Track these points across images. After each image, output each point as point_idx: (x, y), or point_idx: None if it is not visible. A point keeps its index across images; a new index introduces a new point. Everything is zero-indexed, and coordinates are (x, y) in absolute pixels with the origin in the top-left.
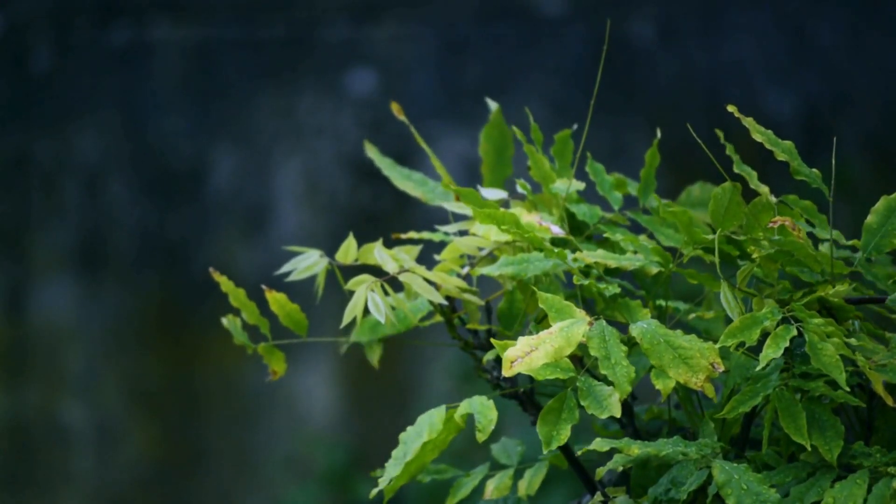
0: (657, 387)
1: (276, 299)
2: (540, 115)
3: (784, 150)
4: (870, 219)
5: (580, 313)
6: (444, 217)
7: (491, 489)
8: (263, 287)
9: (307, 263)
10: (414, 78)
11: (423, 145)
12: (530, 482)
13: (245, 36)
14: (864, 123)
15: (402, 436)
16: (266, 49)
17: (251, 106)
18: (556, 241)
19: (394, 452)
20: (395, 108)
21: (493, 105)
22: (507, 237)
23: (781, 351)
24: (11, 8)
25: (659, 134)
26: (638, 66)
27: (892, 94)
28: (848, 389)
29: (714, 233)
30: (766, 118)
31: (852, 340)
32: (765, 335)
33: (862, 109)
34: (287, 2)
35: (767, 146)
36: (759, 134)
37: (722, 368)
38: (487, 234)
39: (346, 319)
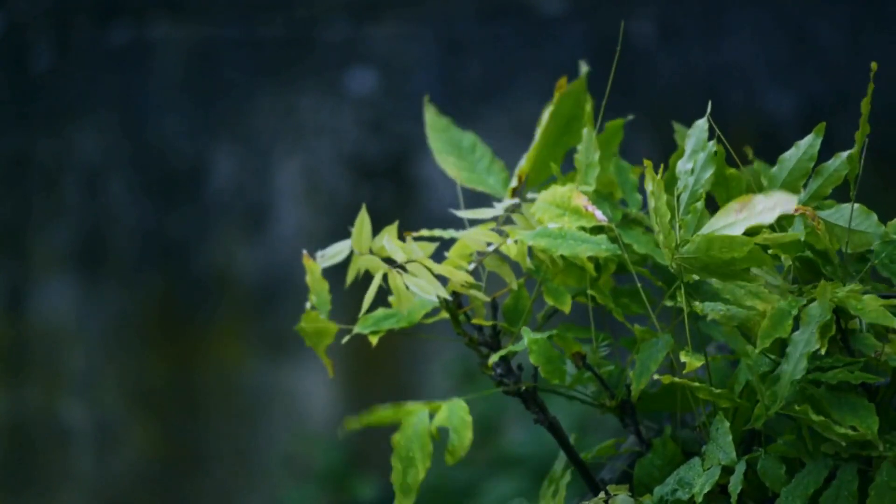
0: (683, 359)
1: (312, 270)
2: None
3: (864, 133)
4: (886, 229)
5: None
6: (445, 217)
7: None
8: (304, 252)
9: (334, 251)
10: (414, 77)
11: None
12: (559, 496)
13: (245, 35)
14: None
15: (395, 445)
16: (266, 49)
17: (251, 106)
18: (595, 230)
19: (395, 470)
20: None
21: (584, 67)
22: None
23: (832, 325)
24: (11, 7)
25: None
26: (638, 66)
27: (893, 94)
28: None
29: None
30: (766, 118)
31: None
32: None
33: None
34: (287, 1)
35: (861, 122)
36: (865, 105)
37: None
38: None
39: (364, 307)
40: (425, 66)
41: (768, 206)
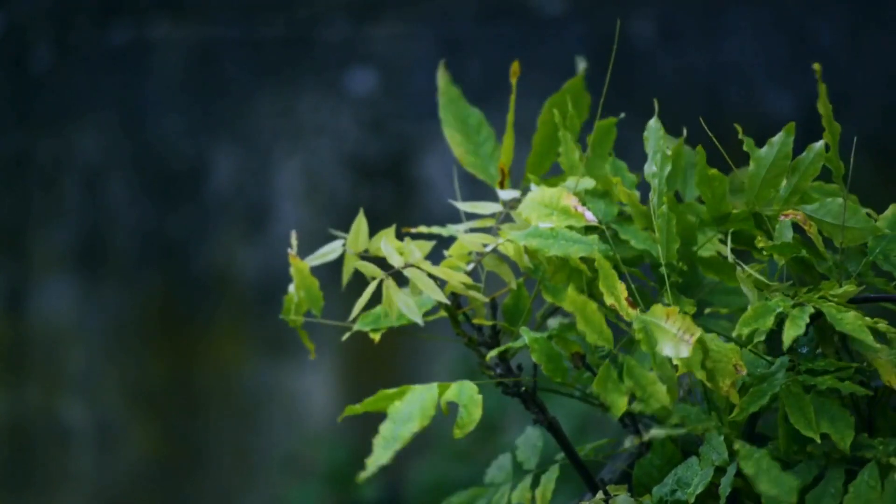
0: (675, 362)
1: (299, 268)
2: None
3: (832, 132)
4: (877, 224)
5: None
6: (445, 216)
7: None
8: (290, 251)
9: (325, 251)
10: (414, 77)
11: None
12: (544, 488)
13: (245, 35)
14: (864, 123)
15: (391, 412)
16: (266, 48)
17: (251, 105)
18: (588, 230)
19: (383, 431)
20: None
21: (581, 64)
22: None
23: (803, 329)
24: (11, 8)
25: (685, 132)
26: (638, 66)
27: (892, 94)
28: (878, 347)
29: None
30: (766, 118)
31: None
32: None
33: (862, 109)
34: (287, 1)
35: (823, 123)
36: (823, 106)
37: (744, 371)
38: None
39: (355, 312)
40: (425, 66)
41: (679, 332)
